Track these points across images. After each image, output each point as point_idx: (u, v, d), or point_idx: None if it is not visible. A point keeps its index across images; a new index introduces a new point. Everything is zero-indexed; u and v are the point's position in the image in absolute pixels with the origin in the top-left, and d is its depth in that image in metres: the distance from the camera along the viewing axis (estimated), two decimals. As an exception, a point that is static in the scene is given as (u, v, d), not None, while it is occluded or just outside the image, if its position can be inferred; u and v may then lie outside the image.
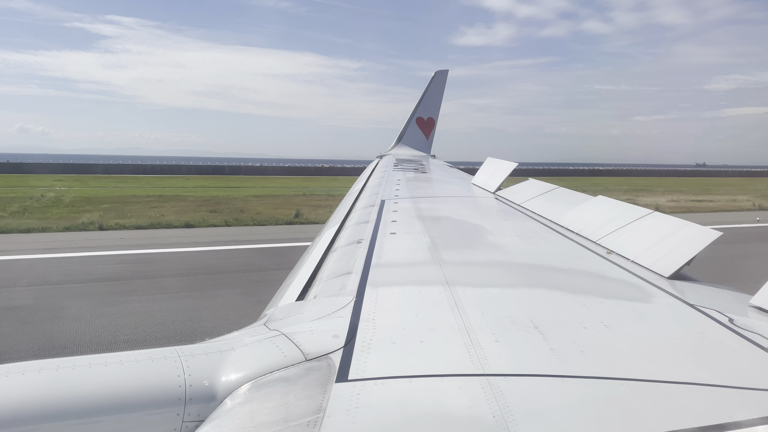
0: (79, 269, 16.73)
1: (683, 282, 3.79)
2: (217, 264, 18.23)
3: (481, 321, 2.79)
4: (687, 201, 42.60)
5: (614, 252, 4.63)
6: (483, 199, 9.06)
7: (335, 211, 8.64)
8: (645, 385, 2.15)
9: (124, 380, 2.15)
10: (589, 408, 1.94)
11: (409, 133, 24.67)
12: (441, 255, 4.37)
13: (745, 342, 2.63)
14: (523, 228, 6.04)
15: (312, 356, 2.36)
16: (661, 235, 4.48)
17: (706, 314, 3.03)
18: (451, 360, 2.33)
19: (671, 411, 1.92)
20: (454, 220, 6.84)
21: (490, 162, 11.84)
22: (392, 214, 6.75)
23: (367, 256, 4.36)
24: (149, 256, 19.12)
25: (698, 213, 33.61)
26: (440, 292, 3.31)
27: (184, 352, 2.33)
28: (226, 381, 2.23)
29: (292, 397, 2.04)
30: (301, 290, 3.86)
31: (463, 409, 1.92)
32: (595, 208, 6.02)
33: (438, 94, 25.03)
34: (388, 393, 2.04)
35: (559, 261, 4.48)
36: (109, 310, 12.68)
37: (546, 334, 2.63)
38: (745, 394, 2.09)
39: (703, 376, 2.24)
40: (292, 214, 29.36)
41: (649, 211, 5.08)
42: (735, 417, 1.85)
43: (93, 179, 55.99)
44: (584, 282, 3.88)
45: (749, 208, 38.15)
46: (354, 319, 2.81)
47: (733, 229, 27.14)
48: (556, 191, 8.04)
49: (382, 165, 17.12)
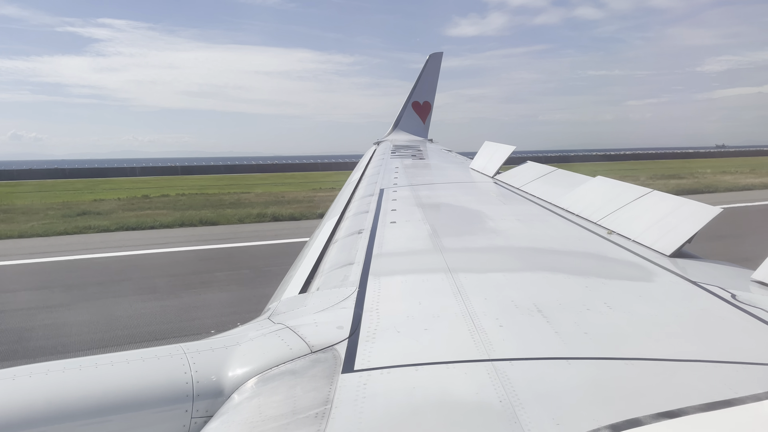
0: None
1: (685, 260, 3.80)
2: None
3: (485, 307, 2.80)
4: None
5: (615, 232, 4.63)
6: (482, 184, 9.04)
7: (334, 201, 8.63)
8: (650, 364, 2.16)
9: (131, 379, 2.16)
10: (595, 389, 1.95)
11: (405, 118, 24.59)
12: (442, 242, 4.38)
13: (748, 317, 2.64)
14: (523, 211, 6.04)
15: (317, 348, 2.37)
16: (662, 213, 4.48)
17: (708, 291, 3.04)
18: (456, 347, 2.34)
19: (677, 389, 1.93)
20: (454, 206, 6.84)
21: (488, 146, 11.79)
22: (392, 202, 6.74)
23: (368, 246, 4.37)
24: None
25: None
26: (443, 279, 3.32)
27: (189, 349, 2.34)
28: (232, 376, 2.24)
29: (299, 390, 2.05)
30: (304, 283, 3.86)
31: (470, 395, 1.93)
32: (595, 189, 6.02)
33: (433, 77, 24.90)
34: (395, 382, 2.05)
35: (560, 243, 4.48)
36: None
37: (549, 317, 2.64)
38: (750, 369, 2.10)
39: (708, 353, 2.25)
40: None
41: (649, 190, 5.08)
42: (741, 392, 1.86)
43: (171, 180, 55.87)
44: (586, 263, 3.88)
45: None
46: (357, 310, 2.82)
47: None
48: (554, 173, 8.02)
49: (380, 152, 17.06)
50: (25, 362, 2.28)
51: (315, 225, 7.00)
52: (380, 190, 7.97)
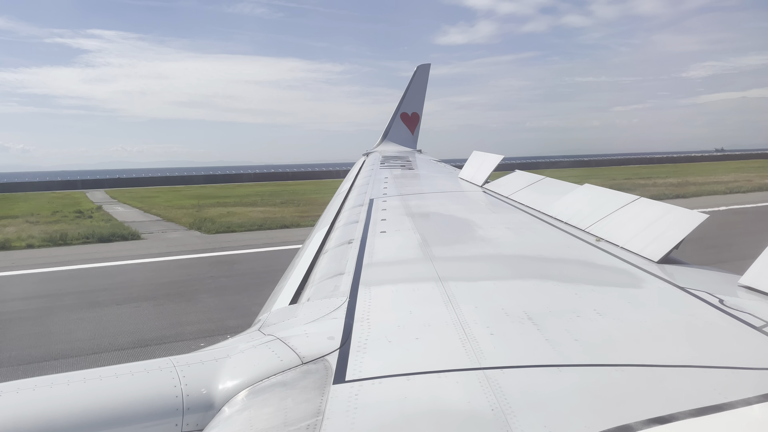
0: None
1: (673, 266, 3.83)
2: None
3: (475, 315, 2.80)
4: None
5: (603, 239, 4.66)
6: (471, 193, 9.08)
7: (324, 212, 8.61)
8: (640, 370, 2.17)
9: (120, 394, 2.13)
10: (586, 395, 1.96)
11: (394, 129, 24.66)
12: (432, 251, 4.38)
13: (736, 322, 2.66)
14: (512, 220, 6.06)
15: (308, 359, 2.35)
16: (649, 220, 4.51)
17: (696, 296, 3.06)
18: (448, 355, 2.34)
19: (667, 394, 1.94)
20: (444, 215, 6.86)
21: (476, 155, 11.85)
22: (381, 212, 6.75)
23: (359, 255, 4.36)
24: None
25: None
26: (433, 288, 3.32)
27: (179, 362, 2.32)
28: (223, 389, 2.22)
29: (290, 401, 2.03)
30: (294, 293, 3.84)
31: (462, 403, 1.92)
32: (583, 196, 6.06)
33: (421, 88, 25.03)
34: (386, 392, 2.04)
35: (550, 251, 4.50)
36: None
37: (540, 324, 2.64)
38: (738, 374, 2.11)
39: (697, 359, 2.26)
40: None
41: (636, 197, 5.13)
42: (730, 397, 1.87)
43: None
44: (575, 271, 3.90)
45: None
46: (348, 320, 2.80)
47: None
48: (543, 182, 8.07)
49: (369, 162, 17.08)
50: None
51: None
52: (370, 200, 7.97)
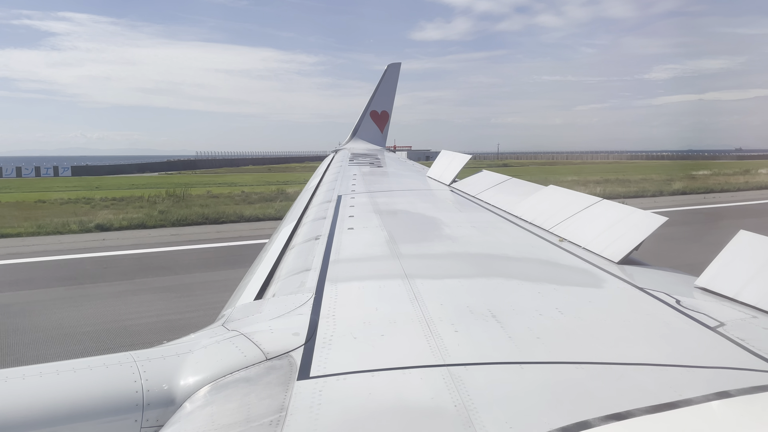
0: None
1: (632, 266, 3.92)
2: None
3: (441, 312, 2.82)
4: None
5: (566, 240, 4.75)
6: (438, 192, 9.14)
7: (291, 207, 8.55)
8: (599, 367, 2.21)
9: (77, 389, 2.07)
10: (547, 392, 1.99)
11: (363, 127, 24.64)
12: (399, 248, 4.39)
13: (692, 322, 2.75)
14: (479, 219, 6.13)
15: (272, 355, 2.33)
16: (610, 221, 4.62)
17: (654, 297, 3.15)
18: (413, 352, 2.35)
19: (625, 391, 1.98)
20: (411, 213, 6.88)
21: (445, 155, 11.95)
22: (349, 209, 6.73)
23: (326, 252, 4.34)
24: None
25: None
26: (399, 285, 3.33)
27: (140, 357, 2.26)
28: (185, 384, 2.18)
29: (253, 397, 2.01)
30: (260, 289, 3.80)
31: (426, 399, 1.93)
32: (547, 197, 6.16)
33: (391, 87, 25.09)
34: (351, 388, 2.04)
35: (514, 250, 4.57)
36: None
37: (503, 322, 2.68)
38: (694, 372, 2.18)
39: (654, 357, 2.33)
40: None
41: (598, 199, 5.24)
42: (685, 395, 1.93)
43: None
44: (539, 270, 3.97)
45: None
46: (314, 316, 2.79)
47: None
48: (509, 182, 8.18)
49: (338, 160, 17.04)
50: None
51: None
52: (338, 197, 7.95)
